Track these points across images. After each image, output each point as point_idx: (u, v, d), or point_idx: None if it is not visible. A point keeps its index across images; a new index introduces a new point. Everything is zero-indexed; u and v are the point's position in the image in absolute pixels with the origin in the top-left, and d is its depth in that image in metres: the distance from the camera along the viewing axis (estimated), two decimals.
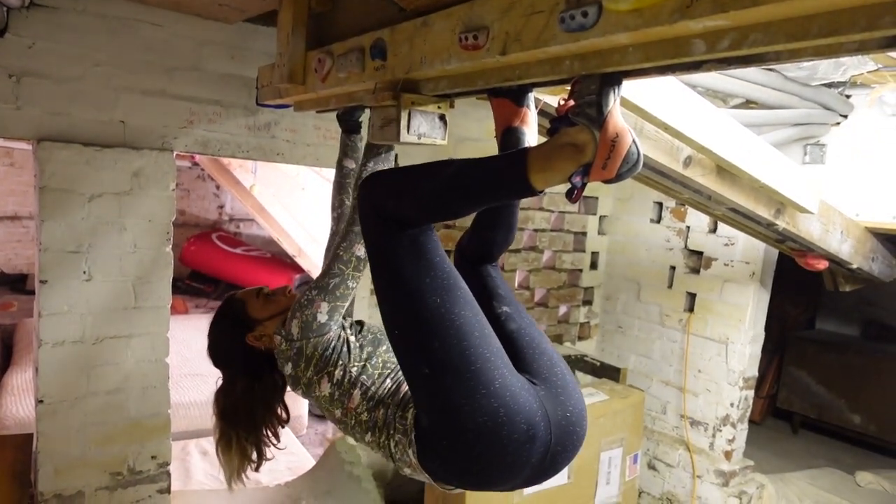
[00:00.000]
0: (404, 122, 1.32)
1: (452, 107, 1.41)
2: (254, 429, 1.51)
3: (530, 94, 1.32)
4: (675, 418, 3.63)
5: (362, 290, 2.80)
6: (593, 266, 3.95)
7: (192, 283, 7.83)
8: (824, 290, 3.66)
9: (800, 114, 2.76)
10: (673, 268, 3.64)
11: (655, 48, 0.93)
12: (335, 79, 1.51)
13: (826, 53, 0.85)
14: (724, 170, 2.01)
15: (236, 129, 2.38)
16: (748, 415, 3.48)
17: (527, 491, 2.57)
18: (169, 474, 2.40)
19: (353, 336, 1.41)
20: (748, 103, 2.77)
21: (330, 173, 2.22)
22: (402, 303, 1.12)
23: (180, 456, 3.48)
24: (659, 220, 3.71)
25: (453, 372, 1.08)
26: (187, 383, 4.03)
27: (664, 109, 1.57)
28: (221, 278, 7.61)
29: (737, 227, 2.67)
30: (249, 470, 1.53)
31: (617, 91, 1.05)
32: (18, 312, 6.12)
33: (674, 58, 0.92)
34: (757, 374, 3.46)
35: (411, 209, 1.09)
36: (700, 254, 3.51)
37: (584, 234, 3.84)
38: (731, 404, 3.37)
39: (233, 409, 1.50)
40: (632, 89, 1.42)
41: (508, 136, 1.31)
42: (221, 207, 9.01)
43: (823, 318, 5.34)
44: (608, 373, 3.32)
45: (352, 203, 1.45)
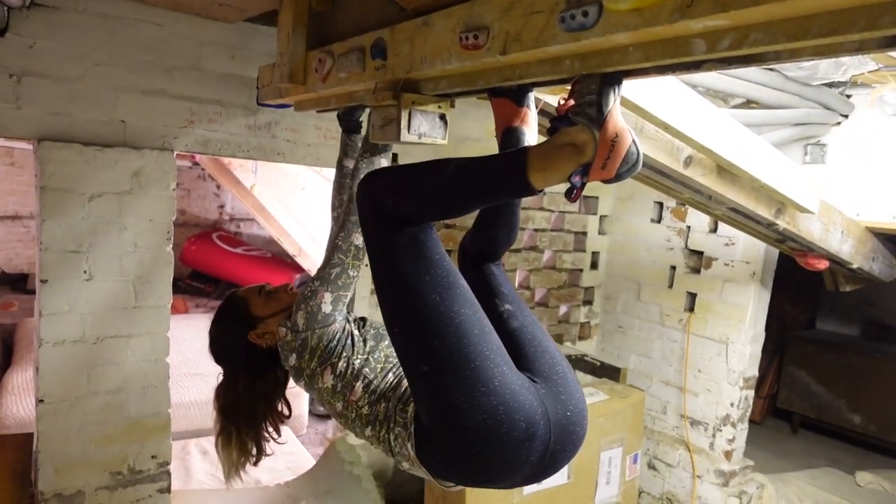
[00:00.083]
0: (405, 122, 1.32)
1: (453, 106, 1.41)
2: (254, 424, 1.52)
3: (530, 94, 1.32)
4: (675, 418, 3.63)
5: (363, 290, 2.80)
6: (594, 266, 3.95)
7: (192, 282, 7.84)
8: (824, 290, 3.66)
9: (800, 113, 2.76)
10: (673, 268, 3.64)
11: (655, 48, 0.93)
12: (335, 78, 1.51)
13: (826, 53, 0.85)
14: (725, 169, 2.01)
15: (237, 129, 2.38)
16: (748, 415, 3.48)
17: (526, 490, 2.57)
18: (169, 474, 2.40)
19: (357, 330, 1.42)
20: (749, 103, 2.77)
21: (330, 173, 2.23)
22: (402, 301, 1.13)
23: (180, 455, 3.48)
24: (659, 220, 3.71)
25: (453, 369, 1.09)
26: (187, 383, 4.03)
27: (664, 109, 1.57)
28: (222, 278, 7.62)
29: (737, 226, 2.67)
30: (248, 465, 1.53)
31: (617, 91, 1.05)
32: (19, 312, 6.13)
33: (674, 57, 0.92)
34: (757, 373, 3.46)
35: (411, 207, 1.09)
36: (700, 254, 3.51)
37: (584, 233, 3.84)
38: (731, 404, 3.37)
39: (234, 405, 1.51)
40: (632, 89, 1.43)
41: (508, 135, 1.31)
42: (222, 207, 9.02)
43: (823, 318, 5.34)
44: (608, 372, 3.32)
45: (349, 193, 1.46)
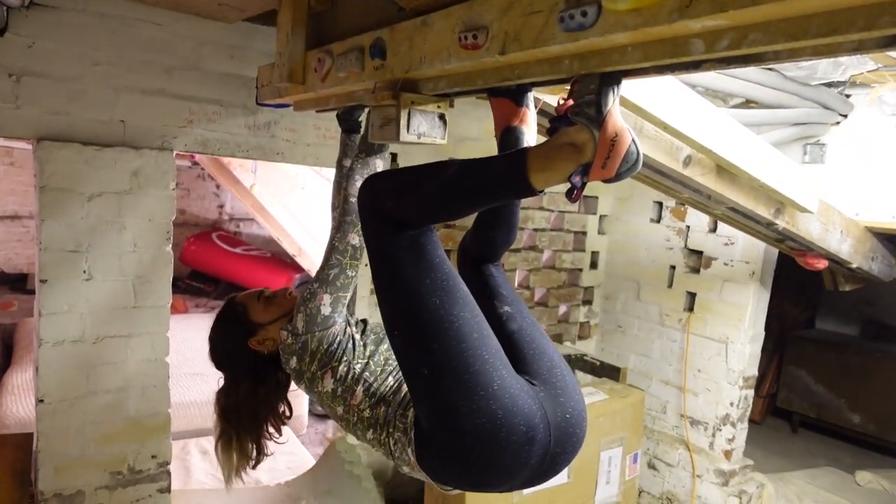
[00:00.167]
0: (404, 122, 1.32)
1: (452, 106, 1.41)
2: (255, 427, 1.51)
3: (529, 94, 1.32)
4: (675, 418, 3.63)
5: (362, 290, 2.80)
6: (593, 265, 3.95)
7: (192, 282, 7.84)
8: (824, 290, 3.66)
9: (799, 113, 2.76)
10: (673, 267, 3.64)
11: (654, 48, 0.93)
12: (335, 78, 1.51)
13: (825, 53, 0.85)
14: (724, 169, 2.01)
15: (236, 129, 2.38)
16: (748, 414, 3.48)
17: (526, 490, 2.57)
18: (169, 473, 2.40)
19: (358, 333, 1.41)
20: (748, 103, 2.77)
21: (330, 173, 2.23)
22: (402, 304, 1.12)
23: (180, 455, 3.48)
24: (659, 220, 3.71)
25: (452, 373, 1.08)
26: (187, 383, 4.03)
27: (664, 109, 1.57)
28: (221, 277, 7.62)
29: (736, 226, 2.67)
30: (248, 468, 1.52)
31: (616, 90, 1.05)
32: (19, 312, 6.13)
33: (673, 57, 0.92)
34: (756, 373, 3.46)
35: (411, 210, 1.09)
36: (700, 253, 3.51)
37: (583, 233, 3.84)
38: (731, 404, 3.37)
39: (235, 409, 1.49)
40: (631, 89, 1.43)
41: (508, 135, 1.31)
42: (221, 207, 9.01)
43: (823, 318, 5.34)
44: (608, 372, 3.32)
45: (344, 194, 1.46)
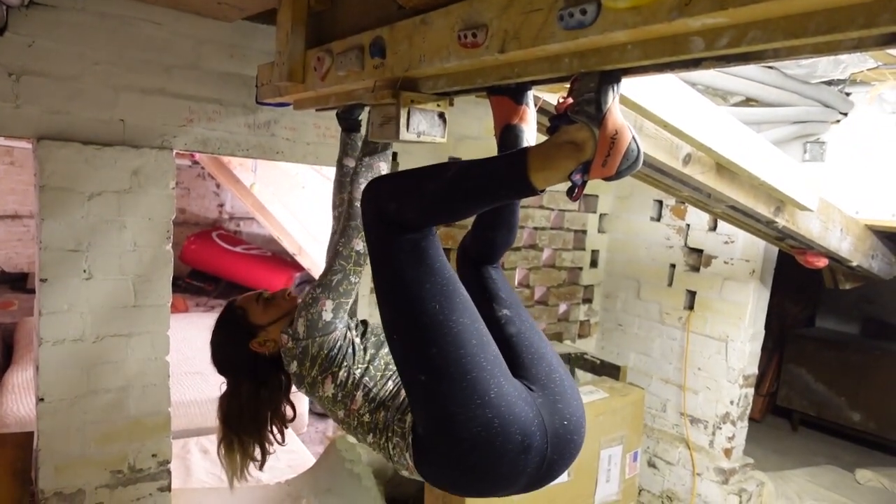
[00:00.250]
0: (403, 121, 1.32)
1: (452, 105, 1.41)
2: (258, 430, 1.51)
3: (529, 92, 1.32)
4: (675, 416, 3.63)
5: (362, 289, 2.80)
6: (593, 264, 3.95)
7: (192, 281, 7.84)
8: (824, 288, 3.67)
9: (799, 111, 2.76)
10: (673, 266, 3.64)
11: (654, 46, 0.93)
12: (334, 77, 1.51)
13: (824, 51, 0.85)
14: (724, 167, 2.01)
15: (236, 128, 2.38)
16: (748, 412, 3.48)
17: None
18: (169, 472, 2.40)
19: (359, 338, 1.41)
20: (748, 101, 2.76)
21: (330, 171, 2.23)
22: (402, 308, 1.12)
23: (181, 454, 3.48)
24: (659, 218, 3.71)
25: (449, 380, 1.08)
26: (188, 381, 4.04)
27: (664, 107, 1.57)
28: (222, 277, 7.62)
29: (736, 224, 2.67)
30: (254, 468, 1.53)
31: (616, 88, 1.05)
32: (19, 311, 6.12)
33: (672, 55, 0.92)
34: (757, 371, 3.46)
35: (413, 212, 1.09)
36: (700, 252, 3.51)
37: (584, 232, 3.84)
38: (731, 402, 3.37)
39: (238, 413, 1.49)
40: (631, 87, 1.43)
41: (507, 133, 1.31)
42: (221, 206, 9.01)
43: (823, 316, 5.34)
44: (608, 371, 3.33)
45: (348, 198, 1.46)
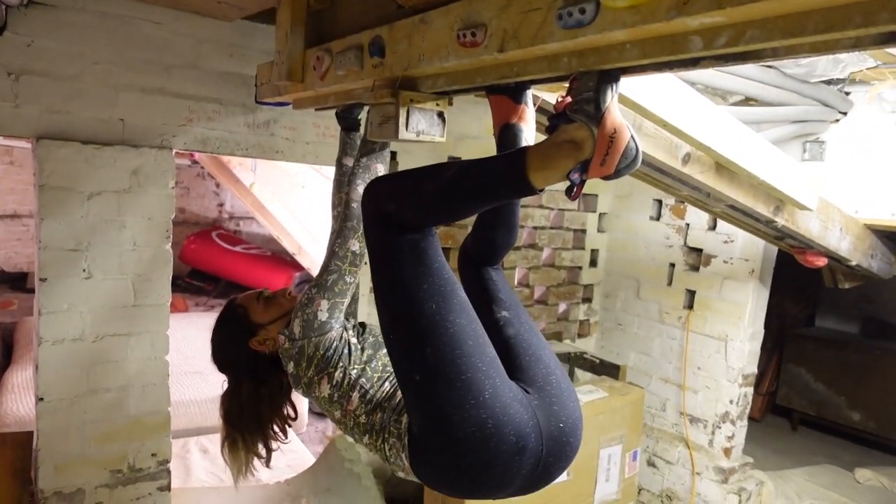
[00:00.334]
0: (403, 120, 1.32)
1: (451, 104, 1.42)
2: (260, 429, 1.52)
3: (528, 92, 1.32)
4: (675, 415, 3.64)
5: (362, 289, 2.80)
6: (593, 263, 3.96)
7: (192, 281, 7.85)
8: (823, 288, 3.67)
9: (799, 111, 2.76)
10: (672, 265, 3.64)
11: (653, 45, 0.93)
12: (334, 76, 1.51)
13: (822, 50, 0.85)
14: (723, 167, 2.01)
15: (235, 127, 2.38)
16: (747, 412, 3.48)
17: None
18: (169, 472, 2.40)
19: (356, 338, 1.41)
20: (747, 100, 2.77)
21: (330, 171, 2.23)
22: (399, 307, 1.12)
23: (180, 453, 3.48)
24: (658, 218, 3.71)
25: (443, 380, 1.08)
26: (187, 381, 4.02)
27: (663, 106, 1.57)
28: (221, 276, 7.62)
29: (736, 224, 2.67)
30: (260, 465, 1.54)
31: (615, 88, 1.05)
32: (19, 311, 6.12)
33: (671, 54, 0.92)
34: (756, 371, 3.47)
35: (412, 212, 1.09)
36: (699, 251, 3.51)
37: (583, 231, 3.84)
38: (731, 401, 3.37)
39: (239, 411, 1.50)
40: (631, 86, 1.43)
41: (506, 132, 1.31)
42: (221, 205, 9.02)
43: (823, 316, 5.34)
44: (608, 370, 3.33)
45: (345, 198, 1.46)
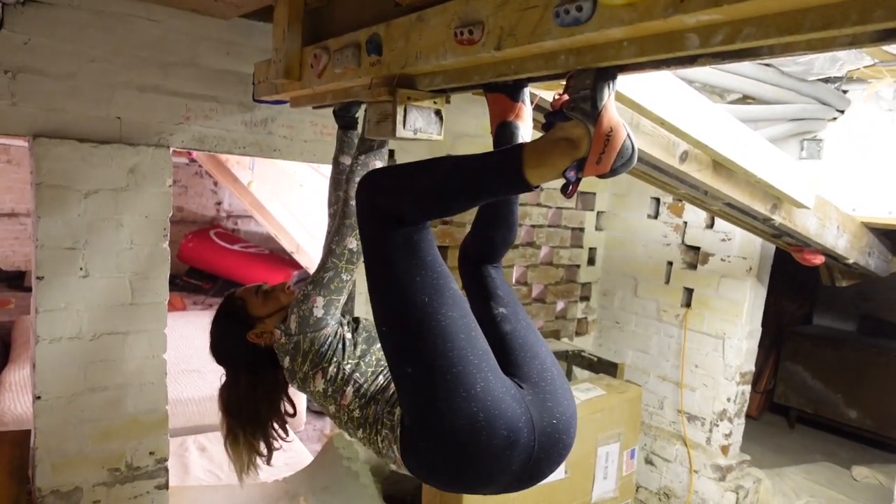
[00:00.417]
0: (400, 118, 1.32)
1: (448, 102, 1.42)
2: (259, 424, 1.54)
3: (525, 89, 1.32)
4: (672, 413, 3.64)
5: (361, 287, 2.80)
6: (591, 262, 3.96)
7: (189, 279, 7.83)
8: (821, 286, 3.68)
9: (796, 109, 2.77)
10: (670, 263, 3.64)
11: (650, 42, 0.93)
12: (331, 74, 1.51)
13: (819, 47, 0.85)
14: (721, 165, 2.02)
15: (233, 126, 2.38)
16: (745, 410, 3.49)
17: None
18: (167, 470, 2.40)
19: (350, 333, 1.42)
20: (745, 98, 2.77)
21: (328, 169, 2.22)
22: (392, 300, 1.12)
23: (178, 452, 3.48)
24: (656, 216, 3.72)
25: (435, 372, 1.08)
26: (185, 379, 4.03)
27: (660, 104, 1.57)
28: (219, 275, 7.61)
29: (733, 222, 2.67)
30: (261, 462, 1.55)
31: (611, 85, 1.05)
32: (16, 309, 6.10)
33: (668, 52, 0.92)
34: (754, 369, 3.47)
35: (407, 206, 1.09)
36: (697, 249, 3.51)
37: (581, 229, 3.85)
38: (728, 399, 3.38)
39: (237, 404, 1.53)
40: (628, 84, 1.43)
41: (503, 130, 1.31)
42: (219, 204, 9.00)
43: (820, 314, 5.35)
44: (605, 368, 3.33)
45: (343, 196, 1.46)
